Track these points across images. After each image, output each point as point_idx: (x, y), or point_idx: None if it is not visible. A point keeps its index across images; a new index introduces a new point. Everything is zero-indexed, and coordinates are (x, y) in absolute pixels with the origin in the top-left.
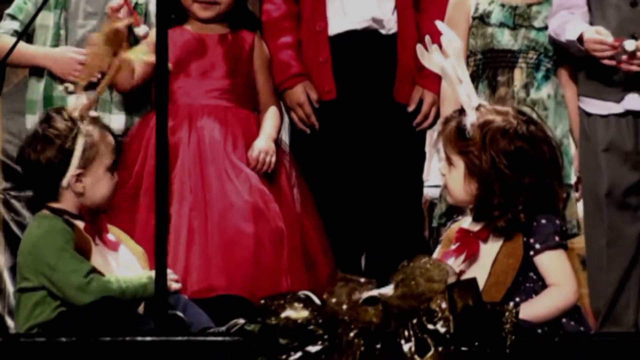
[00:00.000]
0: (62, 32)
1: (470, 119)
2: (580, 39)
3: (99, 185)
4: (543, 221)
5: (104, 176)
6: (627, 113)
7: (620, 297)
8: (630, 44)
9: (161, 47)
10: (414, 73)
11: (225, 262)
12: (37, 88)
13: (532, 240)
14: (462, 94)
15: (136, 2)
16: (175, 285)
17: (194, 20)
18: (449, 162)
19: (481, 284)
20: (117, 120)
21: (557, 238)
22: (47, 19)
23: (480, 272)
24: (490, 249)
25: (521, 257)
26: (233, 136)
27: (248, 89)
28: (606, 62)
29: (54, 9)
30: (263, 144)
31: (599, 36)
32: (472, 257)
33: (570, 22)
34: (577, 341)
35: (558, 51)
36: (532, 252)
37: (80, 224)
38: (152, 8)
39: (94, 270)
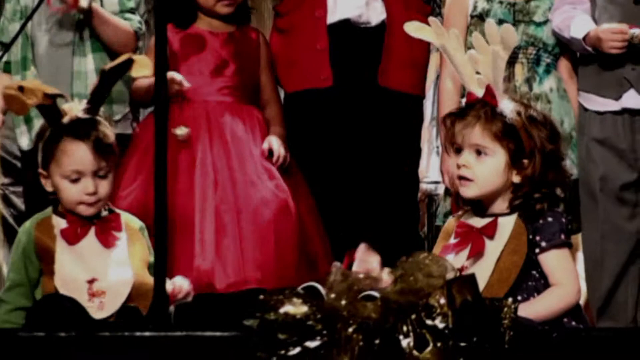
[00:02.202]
0: (30, 41)
1: (509, 106)
2: (585, 38)
3: (59, 191)
4: (549, 219)
5: (62, 184)
6: (624, 111)
7: (617, 292)
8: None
9: (160, 48)
10: (403, 57)
11: (260, 257)
12: None
13: (537, 238)
14: (500, 80)
15: None
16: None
17: (203, 19)
18: (480, 151)
19: (484, 280)
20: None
21: (562, 236)
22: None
23: (484, 268)
24: (494, 246)
25: (525, 254)
26: (252, 133)
27: (253, 86)
28: (615, 51)
29: (19, 20)
30: (276, 141)
31: (616, 26)
32: (476, 255)
33: (574, 18)
34: (576, 337)
35: (559, 45)
36: (537, 250)
37: (62, 223)
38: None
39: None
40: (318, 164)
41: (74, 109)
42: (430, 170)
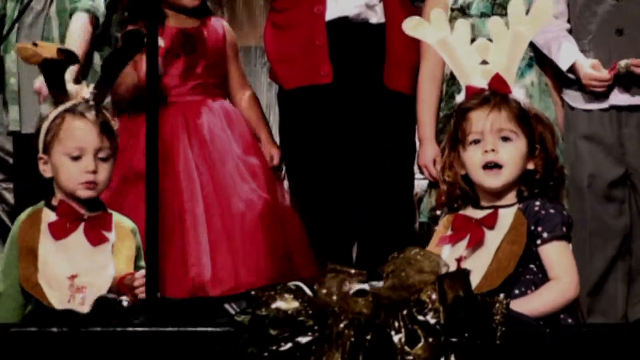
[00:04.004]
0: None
1: (520, 92)
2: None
3: (59, 171)
4: (552, 211)
5: (64, 162)
6: (611, 107)
7: (605, 288)
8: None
9: (152, 48)
10: (404, 60)
11: (252, 259)
12: None
13: (539, 229)
14: (516, 65)
15: None
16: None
17: (170, 16)
18: (506, 137)
19: (483, 269)
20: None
21: (564, 229)
22: (11, 10)
23: (483, 258)
24: (494, 236)
25: (525, 244)
26: (231, 129)
27: (222, 78)
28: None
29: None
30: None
31: (596, 73)
32: (475, 245)
33: (559, 44)
34: (568, 333)
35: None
36: (539, 241)
37: (51, 216)
38: None
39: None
40: (316, 160)
41: (82, 91)
42: None
